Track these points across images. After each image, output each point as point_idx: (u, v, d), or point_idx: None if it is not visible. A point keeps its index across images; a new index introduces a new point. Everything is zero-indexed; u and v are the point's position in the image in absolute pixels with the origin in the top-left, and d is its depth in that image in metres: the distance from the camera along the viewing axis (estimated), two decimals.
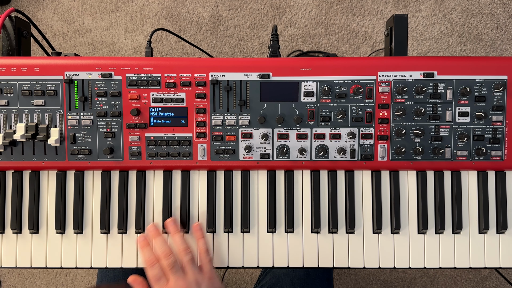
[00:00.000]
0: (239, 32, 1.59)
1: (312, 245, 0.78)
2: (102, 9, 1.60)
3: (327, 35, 1.58)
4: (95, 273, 1.60)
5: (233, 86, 0.76)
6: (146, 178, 0.79)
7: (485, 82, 0.75)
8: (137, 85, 0.76)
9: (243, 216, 0.78)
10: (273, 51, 0.83)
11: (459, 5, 1.57)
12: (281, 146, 0.77)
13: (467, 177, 0.79)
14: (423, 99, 0.76)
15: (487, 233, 0.78)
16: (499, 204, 0.78)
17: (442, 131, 0.76)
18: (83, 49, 1.61)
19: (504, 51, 1.57)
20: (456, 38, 1.58)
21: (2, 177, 0.79)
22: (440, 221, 0.77)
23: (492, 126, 0.76)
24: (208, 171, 0.79)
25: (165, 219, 0.77)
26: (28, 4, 1.62)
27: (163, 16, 1.59)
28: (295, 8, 1.58)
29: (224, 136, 0.77)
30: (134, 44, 1.60)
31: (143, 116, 0.76)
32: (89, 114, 0.76)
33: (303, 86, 0.76)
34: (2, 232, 0.78)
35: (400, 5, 1.58)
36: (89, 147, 0.76)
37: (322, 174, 0.79)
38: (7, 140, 0.75)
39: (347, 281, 1.61)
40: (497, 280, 1.61)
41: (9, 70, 0.75)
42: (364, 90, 0.76)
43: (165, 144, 0.77)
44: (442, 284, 1.62)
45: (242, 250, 0.78)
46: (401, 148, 0.76)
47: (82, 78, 0.76)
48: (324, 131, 0.77)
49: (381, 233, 0.78)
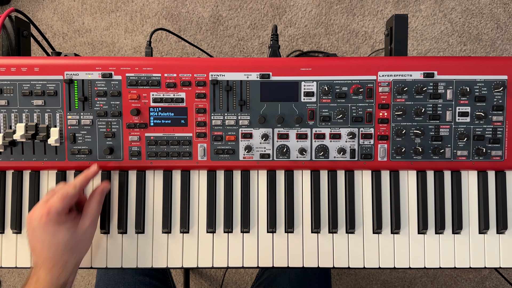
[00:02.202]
0: (239, 32, 1.59)
1: (312, 245, 0.78)
2: (102, 9, 1.60)
3: (327, 35, 1.58)
4: (94, 273, 1.60)
5: (233, 86, 0.76)
6: (146, 178, 0.79)
7: (485, 82, 0.75)
8: (137, 85, 0.76)
9: (243, 216, 0.78)
10: (273, 51, 0.83)
11: (459, 5, 1.57)
12: (281, 146, 0.77)
13: (467, 177, 0.79)
14: (423, 99, 0.76)
15: (487, 233, 0.78)
16: (499, 204, 0.78)
17: (442, 131, 0.76)
18: (83, 49, 1.61)
19: (504, 51, 1.57)
20: (456, 38, 1.58)
21: (2, 177, 0.79)
22: (440, 221, 0.77)
23: (492, 126, 0.76)
24: (208, 171, 0.79)
25: (165, 219, 0.77)
26: (28, 4, 1.62)
27: (163, 16, 1.59)
28: (295, 8, 1.58)
29: (224, 136, 0.77)
30: (134, 44, 1.60)
31: (143, 116, 0.76)
32: (89, 114, 0.76)
33: (303, 86, 0.76)
34: (2, 232, 0.78)
35: (400, 5, 1.58)
36: (89, 147, 0.76)
37: (322, 174, 0.79)
38: (7, 140, 0.75)
39: (347, 281, 1.61)
40: (497, 280, 1.61)
41: (9, 70, 0.75)
42: (364, 90, 0.76)
43: (165, 144, 0.77)
44: (442, 284, 1.62)
45: (242, 250, 0.78)
46: (401, 148, 0.76)
47: (82, 78, 0.76)
48: (324, 131, 0.77)
49: (381, 233, 0.78)
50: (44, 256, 0.66)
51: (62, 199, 0.67)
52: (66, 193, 0.68)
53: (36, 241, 0.66)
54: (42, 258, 0.66)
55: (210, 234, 0.78)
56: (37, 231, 0.66)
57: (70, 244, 0.67)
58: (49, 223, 0.65)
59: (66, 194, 0.68)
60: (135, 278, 0.97)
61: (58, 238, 0.66)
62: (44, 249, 0.66)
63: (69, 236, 0.67)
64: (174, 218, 0.78)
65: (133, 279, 0.97)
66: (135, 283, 0.97)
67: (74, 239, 0.68)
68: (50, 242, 0.66)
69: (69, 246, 0.67)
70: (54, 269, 0.66)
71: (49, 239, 0.66)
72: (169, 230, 0.78)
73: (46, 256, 0.66)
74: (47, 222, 0.65)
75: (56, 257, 0.66)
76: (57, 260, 0.66)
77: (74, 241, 0.68)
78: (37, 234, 0.66)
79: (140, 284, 0.97)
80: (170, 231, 0.78)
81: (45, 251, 0.66)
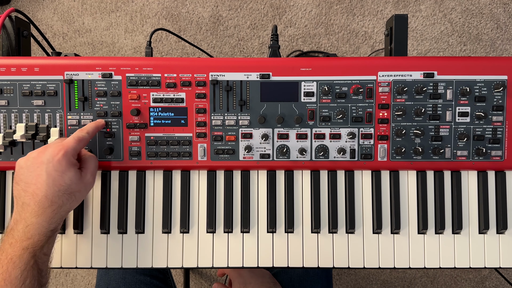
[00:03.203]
0: (239, 32, 1.59)
1: (312, 245, 0.78)
2: (102, 9, 1.60)
3: (327, 35, 1.58)
4: (94, 273, 1.60)
5: (233, 86, 0.76)
6: (146, 178, 0.79)
7: (485, 82, 0.75)
8: (137, 85, 0.76)
9: (243, 216, 0.78)
10: (273, 51, 0.83)
11: (459, 5, 1.57)
12: (281, 146, 0.77)
13: (467, 177, 0.79)
14: (423, 99, 0.76)
15: (487, 233, 0.78)
16: (499, 204, 0.78)
17: (442, 131, 0.76)
18: (83, 49, 1.61)
19: (504, 51, 1.58)
20: (456, 38, 1.58)
21: (2, 177, 0.79)
22: (440, 221, 0.77)
23: (492, 126, 0.76)
24: (208, 171, 0.79)
25: (165, 219, 0.78)
26: (28, 4, 1.62)
27: (163, 16, 1.59)
28: (295, 8, 1.58)
29: (224, 136, 0.77)
30: (134, 44, 1.60)
31: (143, 116, 0.76)
32: (89, 114, 0.76)
33: (303, 86, 0.76)
34: (2, 232, 0.78)
35: (400, 5, 1.58)
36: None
37: (322, 174, 0.79)
38: (7, 140, 0.75)
39: (347, 281, 1.61)
40: (497, 280, 1.61)
41: (9, 70, 0.75)
42: (364, 90, 0.76)
43: (165, 144, 0.77)
44: (442, 284, 1.62)
45: (242, 250, 0.78)
46: (401, 148, 0.76)
47: (82, 78, 0.76)
48: (324, 131, 0.77)
49: (381, 233, 0.78)
50: (41, 194, 0.63)
51: (79, 140, 0.68)
52: (82, 136, 0.69)
53: (37, 177, 0.64)
54: (38, 197, 0.63)
55: (210, 234, 0.78)
56: (45, 166, 0.64)
57: (72, 188, 0.66)
58: (61, 161, 0.65)
59: (81, 137, 0.68)
60: (135, 278, 0.97)
61: (64, 178, 0.65)
62: (45, 186, 0.64)
63: (74, 180, 0.66)
64: (174, 218, 0.78)
65: (133, 279, 0.97)
66: (135, 283, 0.97)
67: (76, 185, 0.67)
68: (55, 180, 0.64)
69: (70, 189, 0.66)
70: (48, 210, 0.64)
71: (56, 176, 0.64)
72: (169, 230, 0.78)
73: (45, 194, 0.63)
74: (60, 160, 0.65)
75: (54, 197, 0.64)
76: (55, 200, 0.64)
77: (76, 187, 0.67)
78: (42, 169, 0.64)
79: (141, 284, 0.97)
80: (170, 231, 0.78)
81: (46, 188, 0.64)
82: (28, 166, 0.65)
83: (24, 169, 0.66)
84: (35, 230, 0.63)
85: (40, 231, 0.64)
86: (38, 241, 0.64)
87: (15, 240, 0.63)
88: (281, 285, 0.94)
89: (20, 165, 0.67)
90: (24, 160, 0.67)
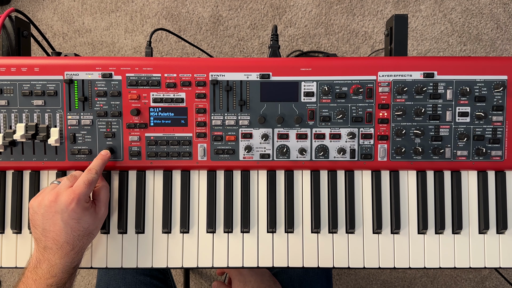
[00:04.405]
0: (239, 32, 1.59)
1: (312, 245, 0.78)
2: (102, 9, 1.60)
3: (327, 35, 1.58)
4: (95, 273, 1.60)
5: (233, 86, 0.76)
6: (146, 178, 0.79)
7: (485, 82, 0.75)
8: (137, 85, 0.76)
9: (243, 216, 0.78)
10: (273, 51, 0.83)
11: (459, 5, 1.57)
12: (281, 146, 0.77)
13: (467, 177, 0.79)
14: (423, 99, 0.76)
15: (487, 233, 0.78)
16: (499, 204, 0.78)
17: (442, 131, 0.76)
18: (83, 49, 1.61)
19: (504, 51, 1.57)
20: (456, 38, 1.58)
21: (2, 177, 0.79)
22: (440, 221, 0.77)
23: (492, 126, 0.76)
24: (208, 171, 0.79)
25: (165, 219, 0.78)
26: (28, 4, 1.62)
27: (163, 16, 1.59)
28: (295, 8, 1.58)
29: (224, 136, 0.77)
30: (134, 44, 1.60)
31: (143, 116, 0.76)
32: (89, 114, 0.76)
33: (303, 86, 0.76)
34: (2, 232, 0.78)
35: (400, 5, 1.58)
36: (89, 147, 0.76)
37: (322, 174, 0.79)
38: (7, 140, 0.75)
39: (347, 281, 1.61)
40: (497, 280, 1.61)
41: (9, 70, 0.75)
42: (364, 90, 0.76)
43: (165, 144, 0.77)
44: (442, 284, 1.62)
45: (242, 250, 0.78)
46: (401, 148, 0.76)
47: (82, 78, 0.76)
48: (324, 131, 0.77)
49: (381, 233, 0.78)
50: (62, 240, 0.66)
51: (89, 184, 0.69)
52: (92, 178, 0.70)
53: (54, 225, 0.66)
54: (59, 243, 0.66)
55: (210, 234, 0.78)
56: (59, 216, 0.66)
57: (89, 229, 0.69)
58: (76, 209, 0.66)
59: (91, 179, 0.69)
60: (136, 278, 0.97)
61: (81, 224, 0.68)
62: (63, 233, 0.66)
63: (91, 222, 0.69)
64: (174, 218, 0.78)
65: (134, 279, 0.97)
66: (136, 283, 0.97)
67: (93, 224, 0.70)
68: (73, 227, 0.67)
69: (88, 231, 0.69)
70: (71, 253, 0.67)
71: (73, 224, 0.67)
72: (169, 230, 0.78)
73: (65, 240, 0.66)
74: (74, 209, 0.66)
75: (75, 241, 0.67)
76: (76, 244, 0.67)
77: (93, 226, 0.70)
78: (58, 218, 0.66)
79: (141, 284, 0.97)
80: (170, 231, 0.78)
81: (65, 235, 0.66)
82: (43, 214, 0.67)
83: (39, 215, 0.67)
84: (59, 269, 0.67)
85: (63, 269, 0.67)
86: (62, 278, 0.67)
87: (39, 277, 0.66)
88: (281, 285, 0.94)
89: (34, 209, 0.68)
90: (37, 205, 0.68)
